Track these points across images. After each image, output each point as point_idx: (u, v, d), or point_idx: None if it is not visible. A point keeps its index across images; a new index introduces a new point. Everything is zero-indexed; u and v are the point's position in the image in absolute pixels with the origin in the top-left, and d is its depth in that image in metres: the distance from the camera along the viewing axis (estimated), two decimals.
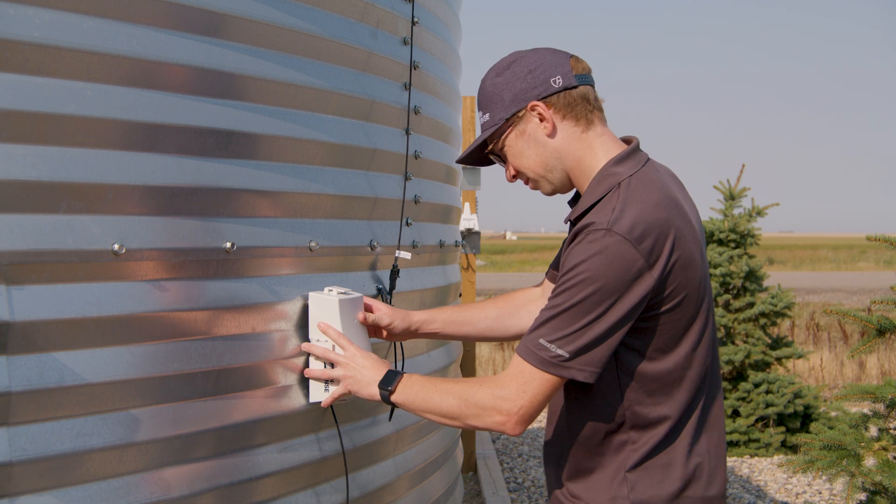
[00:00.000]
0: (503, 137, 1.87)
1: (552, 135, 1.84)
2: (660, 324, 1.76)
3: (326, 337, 2.14)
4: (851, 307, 13.08)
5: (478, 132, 2.03)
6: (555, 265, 2.09)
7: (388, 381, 1.92)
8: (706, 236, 7.05)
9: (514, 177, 1.93)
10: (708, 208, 7.33)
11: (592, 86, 1.88)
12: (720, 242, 7.01)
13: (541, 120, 1.83)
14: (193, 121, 1.93)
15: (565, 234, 2.04)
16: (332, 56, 2.30)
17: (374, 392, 1.96)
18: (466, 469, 5.82)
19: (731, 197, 7.13)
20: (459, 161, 1.96)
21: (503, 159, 1.92)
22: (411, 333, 2.26)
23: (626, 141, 1.91)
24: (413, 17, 2.65)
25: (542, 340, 1.71)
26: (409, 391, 1.90)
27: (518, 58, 1.85)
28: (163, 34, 1.87)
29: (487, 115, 1.87)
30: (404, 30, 2.63)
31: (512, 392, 1.74)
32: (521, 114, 1.84)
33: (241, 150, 2.04)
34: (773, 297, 6.82)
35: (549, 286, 2.14)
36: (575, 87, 1.83)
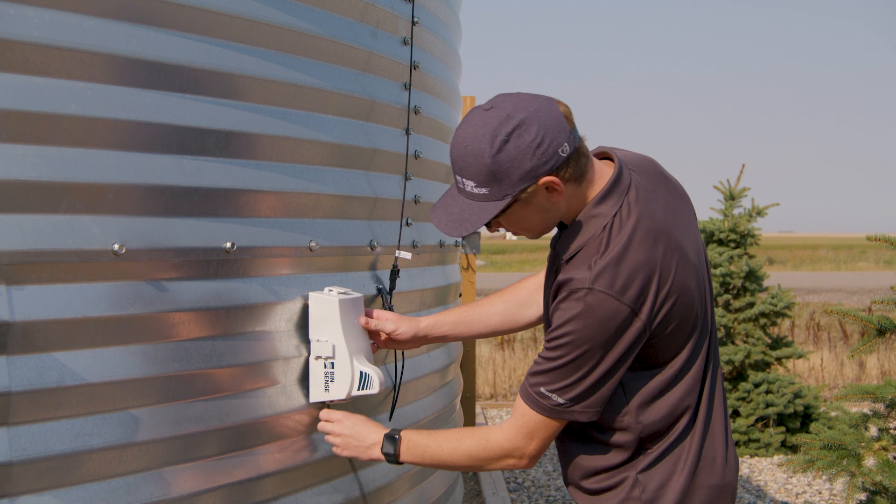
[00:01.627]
0: (506, 210, 1.75)
1: (560, 202, 1.75)
2: (657, 348, 1.78)
3: (326, 337, 2.14)
4: (851, 307, 13.08)
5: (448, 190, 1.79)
6: (551, 256, 2.06)
7: (390, 446, 1.96)
8: (707, 236, 7.05)
9: (498, 228, 1.84)
10: (708, 208, 7.32)
11: None
12: (720, 242, 7.01)
13: (550, 191, 1.73)
14: (193, 121, 1.93)
15: None
16: (332, 56, 2.31)
17: (377, 456, 2.00)
18: None
19: (731, 197, 7.12)
20: (459, 235, 1.78)
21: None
22: (420, 340, 2.23)
23: (601, 155, 1.86)
24: (413, 17, 2.65)
25: (542, 389, 1.76)
26: (413, 452, 1.95)
27: (516, 126, 1.66)
28: (163, 34, 1.87)
29: (486, 189, 1.70)
30: (404, 30, 2.63)
31: (521, 441, 1.83)
32: (530, 189, 1.71)
33: (241, 150, 2.04)
34: (773, 297, 6.81)
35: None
36: (577, 147, 1.73)
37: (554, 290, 1.78)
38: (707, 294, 1.87)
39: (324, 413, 2.13)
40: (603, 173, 1.80)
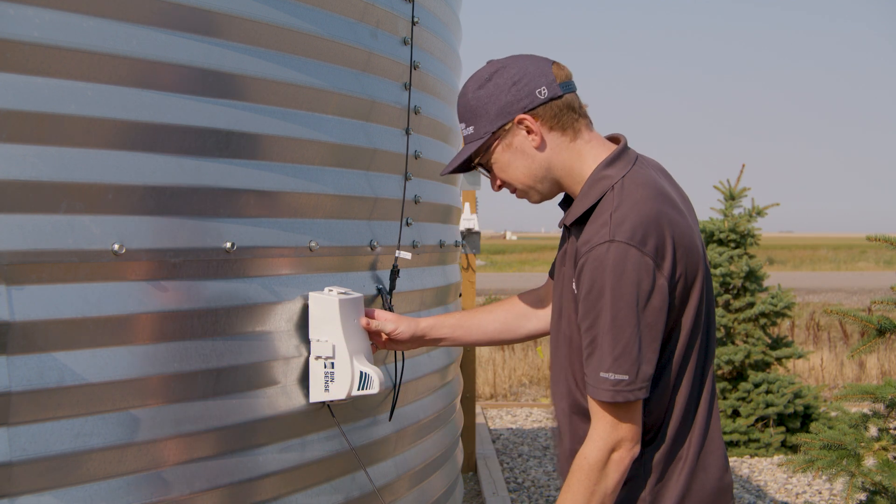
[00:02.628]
0: (490, 151, 1.85)
1: (540, 147, 1.82)
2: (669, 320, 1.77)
3: (326, 337, 2.14)
4: (851, 307, 13.07)
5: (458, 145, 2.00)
6: (552, 272, 2.10)
7: None
8: (707, 236, 7.06)
9: (501, 186, 1.91)
10: (708, 208, 7.32)
11: (575, 92, 1.86)
12: (720, 242, 7.01)
13: (528, 133, 1.81)
14: (193, 121, 1.93)
15: None
16: (332, 56, 2.31)
17: None
18: (466, 469, 5.82)
19: (731, 197, 7.12)
20: (444, 173, 1.92)
21: (489, 170, 1.91)
22: (417, 340, 2.23)
23: (614, 139, 1.91)
24: (413, 17, 2.65)
25: (601, 374, 1.72)
26: None
27: (499, 68, 1.81)
28: (163, 34, 1.87)
29: (472, 128, 1.84)
30: (404, 30, 2.63)
31: (610, 432, 1.74)
32: (507, 127, 1.81)
33: (241, 150, 2.04)
34: (773, 297, 6.81)
35: (551, 285, 2.14)
36: (560, 96, 1.81)
37: (573, 258, 1.79)
38: (709, 287, 1.87)
39: None
40: (607, 144, 1.88)
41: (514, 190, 1.90)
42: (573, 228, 1.85)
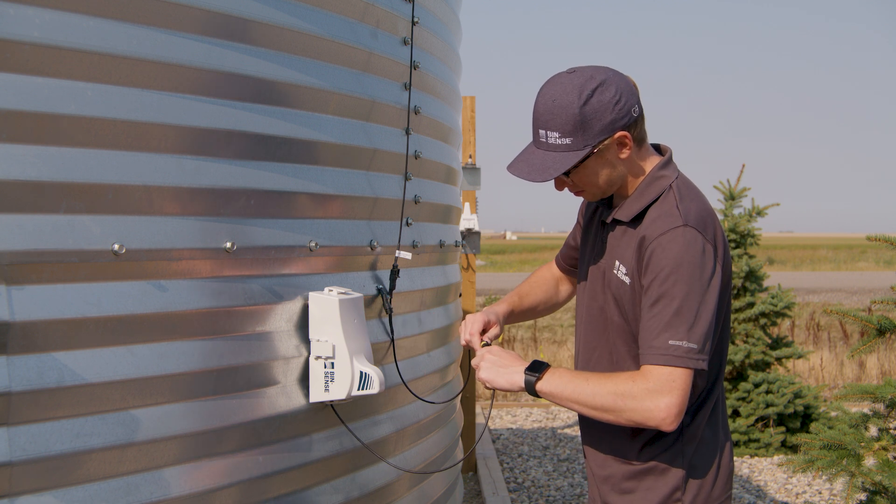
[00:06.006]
0: (585, 161, 1.91)
1: (626, 158, 1.93)
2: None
3: (326, 337, 2.14)
4: (851, 307, 13.07)
5: (521, 146, 2.02)
6: (559, 264, 2.25)
7: (535, 370, 1.92)
8: None
9: (564, 186, 1.98)
10: None
11: None
12: None
13: (620, 146, 1.91)
14: (193, 121, 1.93)
15: (564, 234, 2.09)
16: (332, 56, 2.31)
17: (515, 379, 1.93)
18: (466, 469, 5.82)
19: (732, 197, 7.12)
20: (540, 181, 1.92)
21: (566, 174, 1.95)
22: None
23: (657, 147, 2.04)
24: (413, 17, 2.65)
25: (671, 342, 1.82)
26: (556, 380, 1.90)
27: (599, 84, 1.87)
28: (163, 34, 1.87)
29: (569, 139, 1.88)
30: (404, 30, 2.63)
31: (662, 389, 1.81)
32: (606, 142, 1.89)
33: (241, 150, 2.04)
34: (773, 297, 6.81)
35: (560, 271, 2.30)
36: (642, 114, 1.95)
37: (637, 249, 1.89)
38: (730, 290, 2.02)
39: (475, 338, 2.09)
40: (653, 154, 2.02)
41: (580, 191, 1.99)
42: (621, 224, 1.97)
